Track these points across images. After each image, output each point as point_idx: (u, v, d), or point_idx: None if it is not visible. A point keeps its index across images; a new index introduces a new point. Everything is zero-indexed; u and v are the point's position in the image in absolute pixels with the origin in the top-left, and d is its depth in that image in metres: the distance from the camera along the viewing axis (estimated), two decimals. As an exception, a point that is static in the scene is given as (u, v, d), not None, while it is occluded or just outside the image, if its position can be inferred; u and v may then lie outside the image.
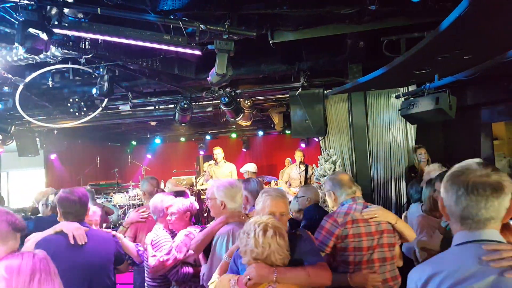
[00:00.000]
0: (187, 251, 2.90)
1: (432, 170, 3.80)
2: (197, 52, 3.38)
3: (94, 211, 3.11)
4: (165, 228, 3.18)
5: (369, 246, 2.63)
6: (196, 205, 3.26)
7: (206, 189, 7.97)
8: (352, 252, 2.62)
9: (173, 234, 3.13)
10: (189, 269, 2.91)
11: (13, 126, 7.11)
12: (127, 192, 9.34)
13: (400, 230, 2.72)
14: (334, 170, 5.29)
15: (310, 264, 2.06)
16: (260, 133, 12.24)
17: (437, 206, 2.36)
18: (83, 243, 2.49)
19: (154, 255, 2.90)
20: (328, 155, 5.30)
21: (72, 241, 2.46)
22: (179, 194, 3.76)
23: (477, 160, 1.36)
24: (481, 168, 1.30)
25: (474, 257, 1.25)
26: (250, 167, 7.41)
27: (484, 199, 1.27)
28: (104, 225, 4.29)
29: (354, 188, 2.82)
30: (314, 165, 5.68)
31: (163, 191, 4.20)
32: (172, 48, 3.37)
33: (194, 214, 3.19)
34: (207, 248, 2.60)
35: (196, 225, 3.29)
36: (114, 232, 2.94)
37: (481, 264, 1.23)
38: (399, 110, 4.79)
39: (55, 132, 8.78)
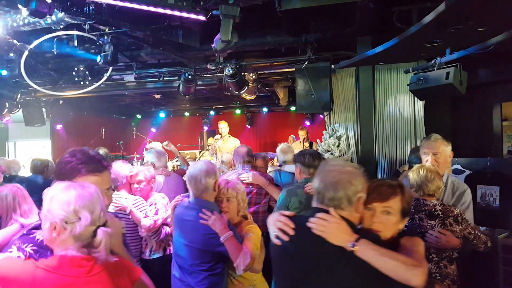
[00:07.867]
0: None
1: None
2: (202, 18, 3.29)
3: None
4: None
5: None
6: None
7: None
8: None
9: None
10: (168, 229, 3.11)
11: (19, 95, 7.11)
12: (132, 164, 9.35)
13: (269, 193, 3.43)
14: (338, 145, 5.25)
15: None
16: (265, 109, 12.14)
17: None
18: None
19: (147, 216, 3.01)
20: (333, 130, 5.24)
21: None
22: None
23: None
24: None
25: None
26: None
27: None
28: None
29: (248, 159, 3.66)
30: (318, 140, 5.63)
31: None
32: (177, 13, 3.29)
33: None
34: None
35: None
36: None
37: None
38: (407, 85, 4.69)
39: (61, 102, 8.77)
